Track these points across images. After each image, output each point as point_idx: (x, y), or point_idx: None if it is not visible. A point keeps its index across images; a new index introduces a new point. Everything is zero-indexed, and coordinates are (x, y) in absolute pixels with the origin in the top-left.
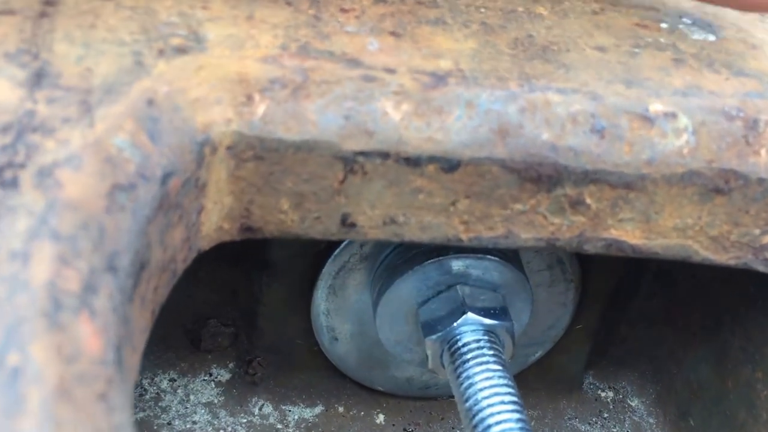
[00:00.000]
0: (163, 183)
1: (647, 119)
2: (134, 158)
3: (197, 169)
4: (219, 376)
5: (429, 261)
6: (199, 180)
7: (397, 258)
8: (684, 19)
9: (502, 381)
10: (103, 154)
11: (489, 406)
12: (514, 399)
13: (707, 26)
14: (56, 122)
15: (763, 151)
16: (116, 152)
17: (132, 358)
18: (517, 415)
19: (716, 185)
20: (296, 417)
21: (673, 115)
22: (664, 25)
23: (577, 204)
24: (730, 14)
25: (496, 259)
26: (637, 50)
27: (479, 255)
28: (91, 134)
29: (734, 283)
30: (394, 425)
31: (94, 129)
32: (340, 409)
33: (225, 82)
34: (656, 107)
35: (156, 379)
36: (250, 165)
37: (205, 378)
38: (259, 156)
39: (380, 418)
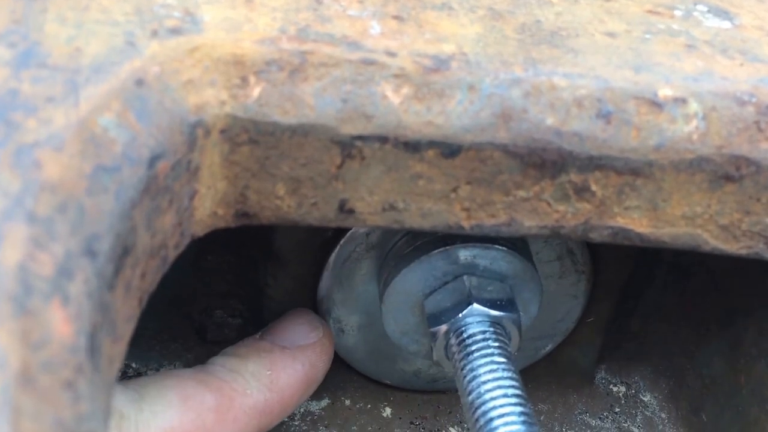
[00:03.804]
0: (150, 165)
1: (656, 104)
2: (120, 138)
3: (189, 152)
4: None
5: (436, 251)
6: (192, 163)
7: (404, 247)
8: (699, 6)
9: (506, 374)
10: (86, 133)
11: (492, 399)
12: (518, 392)
13: (723, 13)
14: (40, 101)
15: None
16: (101, 132)
17: (113, 346)
18: (520, 408)
19: (726, 172)
20: (302, 410)
21: (683, 101)
22: (677, 12)
23: (582, 191)
24: (747, 1)
25: (504, 248)
26: (648, 36)
27: (487, 245)
28: (75, 114)
29: (748, 277)
30: (401, 418)
31: (78, 108)
32: (347, 402)
33: (219, 63)
34: (666, 92)
35: (162, 370)
36: (244, 149)
37: None
38: (254, 140)
39: (387, 411)
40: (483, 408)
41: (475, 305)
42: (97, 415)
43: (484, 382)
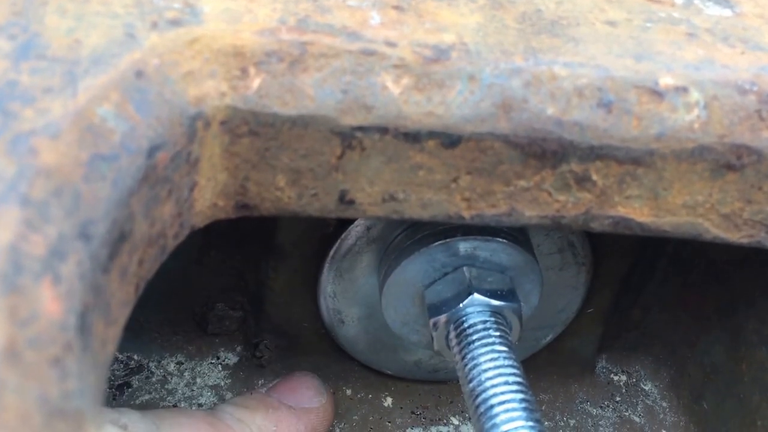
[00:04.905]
0: (149, 155)
1: (657, 93)
2: (118, 128)
3: (189, 143)
4: (226, 360)
5: (436, 243)
6: (191, 155)
7: (404, 240)
8: None
9: (507, 362)
10: (84, 123)
11: (493, 386)
12: (519, 380)
13: (723, 1)
14: (38, 92)
15: None
16: (99, 122)
17: (107, 329)
18: (521, 396)
19: (728, 161)
20: None
21: (684, 89)
22: (678, 0)
23: (582, 180)
24: None
25: (504, 240)
26: (649, 25)
27: (487, 237)
28: (73, 104)
29: (749, 266)
30: (402, 408)
31: (76, 99)
32: (348, 392)
33: (219, 55)
34: (667, 81)
35: (163, 362)
36: (244, 140)
37: (213, 361)
38: (254, 131)
39: (388, 401)
40: (484, 395)
41: (476, 295)
42: (86, 393)
43: (485, 370)
